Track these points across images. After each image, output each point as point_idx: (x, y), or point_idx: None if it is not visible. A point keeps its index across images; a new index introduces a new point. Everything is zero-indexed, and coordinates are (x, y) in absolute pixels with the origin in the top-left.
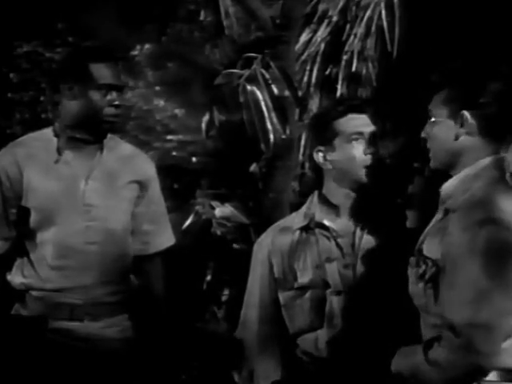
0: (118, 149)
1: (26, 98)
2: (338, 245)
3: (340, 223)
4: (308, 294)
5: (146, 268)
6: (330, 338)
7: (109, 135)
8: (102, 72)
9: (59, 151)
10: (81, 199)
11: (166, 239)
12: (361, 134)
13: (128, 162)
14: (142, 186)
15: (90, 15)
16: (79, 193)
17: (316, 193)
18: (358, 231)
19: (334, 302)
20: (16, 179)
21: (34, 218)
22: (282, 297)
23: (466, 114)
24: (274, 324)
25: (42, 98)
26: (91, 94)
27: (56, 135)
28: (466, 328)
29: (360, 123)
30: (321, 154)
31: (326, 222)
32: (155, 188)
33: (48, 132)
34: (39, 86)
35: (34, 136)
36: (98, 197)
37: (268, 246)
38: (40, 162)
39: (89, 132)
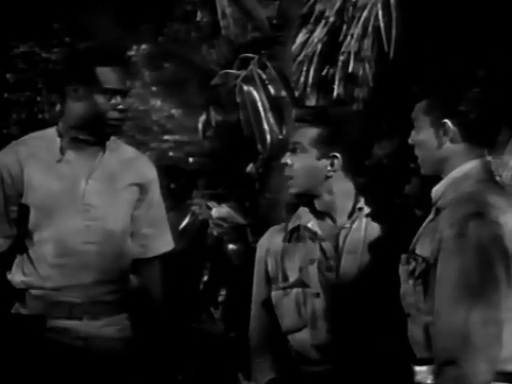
0: (120, 151)
1: (22, 98)
2: (321, 247)
3: (324, 226)
4: (292, 295)
5: (145, 271)
6: (314, 339)
7: (111, 137)
8: (107, 76)
9: (62, 151)
10: (80, 199)
11: (164, 244)
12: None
13: (129, 165)
14: (143, 188)
15: (87, 15)
16: (79, 192)
17: None
18: (342, 234)
19: (316, 304)
20: (17, 177)
21: (33, 216)
22: (274, 296)
23: (448, 122)
24: (269, 322)
25: (38, 99)
26: (96, 97)
27: (60, 135)
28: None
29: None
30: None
31: (310, 225)
32: (155, 191)
33: (51, 132)
34: (36, 86)
35: (37, 135)
36: (97, 197)
37: (266, 245)
38: (41, 161)
39: (92, 134)
